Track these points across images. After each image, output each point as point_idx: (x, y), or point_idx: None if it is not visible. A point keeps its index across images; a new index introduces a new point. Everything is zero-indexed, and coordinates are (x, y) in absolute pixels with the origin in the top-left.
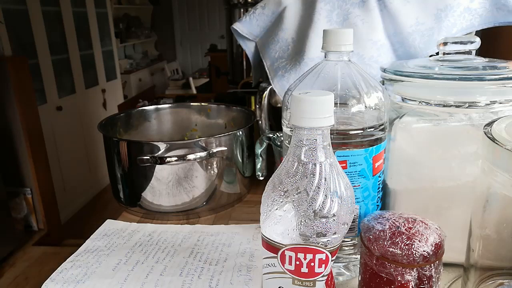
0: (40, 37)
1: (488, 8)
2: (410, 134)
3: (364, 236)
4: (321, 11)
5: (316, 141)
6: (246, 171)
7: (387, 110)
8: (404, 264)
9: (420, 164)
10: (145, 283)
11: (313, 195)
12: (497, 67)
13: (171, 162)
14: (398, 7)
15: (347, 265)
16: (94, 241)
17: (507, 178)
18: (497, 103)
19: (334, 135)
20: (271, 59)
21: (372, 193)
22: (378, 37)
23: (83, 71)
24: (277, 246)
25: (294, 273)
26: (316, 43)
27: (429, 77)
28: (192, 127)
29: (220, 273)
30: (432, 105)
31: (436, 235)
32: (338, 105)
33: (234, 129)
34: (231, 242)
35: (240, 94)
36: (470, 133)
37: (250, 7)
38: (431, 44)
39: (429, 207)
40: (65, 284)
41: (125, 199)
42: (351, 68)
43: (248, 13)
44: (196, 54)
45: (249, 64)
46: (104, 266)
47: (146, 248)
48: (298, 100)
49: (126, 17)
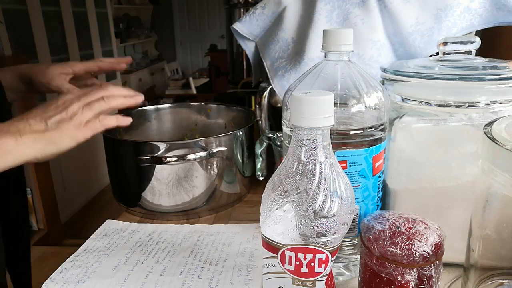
0: (40, 37)
1: (488, 8)
2: (410, 134)
3: (364, 236)
4: (321, 11)
5: (316, 141)
6: (246, 171)
7: (387, 110)
8: (404, 264)
9: (420, 164)
10: (145, 283)
11: (313, 195)
12: (497, 67)
13: (171, 162)
14: (398, 7)
15: (347, 265)
16: (94, 241)
17: (507, 178)
18: (497, 103)
19: (334, 135)
20: (271, 59)
21: (372, 193)
22: (378, 37)
23: None
24: (277, 246)
25: (294, 273)
26: (316, 43)
27: (429, 77)
28: (192, 127)
29: (220, 273)
30: (432, 105)
31: (436, 235)
32: (338, 105)
33: (234, 129)
34: (231, 242)
35: (240, 94)
36: (470, 133)
37: (250, 7)
38: (431, 44)
39: (429, 207)
40: (65, 284)
41: (125, 199)
42: (351, 68)
43: (248, 13)
44: (196, 54)
45: (249, 64)
46: (104, 266)
47: (146, 248)
48: (298, 100)
49: (126, 17)
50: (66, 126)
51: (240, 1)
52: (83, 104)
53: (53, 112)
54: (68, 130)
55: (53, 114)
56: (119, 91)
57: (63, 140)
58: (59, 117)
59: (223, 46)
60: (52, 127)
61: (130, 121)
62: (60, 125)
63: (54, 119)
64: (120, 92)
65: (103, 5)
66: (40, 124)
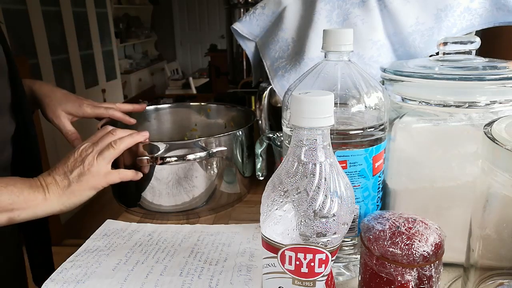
0: (40, 37)
1: (488, 8)
2: (410, 134)
3: (364, 236)
4: (321, 11)
5: (316, 141)
6: (246, 171)
7: (387, 110)
8: (404, 264)
9: (420, 164)
10: (145, 283)
11: (313, 195)
12: (497, 67)
13: (171, 162)
14: (398, 7)
15: (347, 265)
16: (94, 241)
17: (507, 178)
18: (497, 103)
19: (334, 135)
20: (271, 59)
21: (372, 193)
22: (378, 37)
23: (83, 71)
24: (277, 246)
25: (294, 273)
26: (316, 43)
27: (429, 77)
28: (192, 127)
29: (220, 273)
30: (432, 105)
31: (436, 235)
32: (338, 105)
33: (234, 129)
34: (231, 242)
35: (240, 94)
36: (470, 133)
37: (250, 7)
38: (431, 44)
39: (429, 207)
40: (65, 284)
41: (125, 199)
42: (351, 68)
43: (248, 13)
44: (196, 54)
45: (249, 64)
46: (104, 266)
47: (146, 248)
48: (298, 100)
49: (126, 17)
50: (86, 178)
51: (240, 1)
52: (96, 154)
53: (73, 166)
54: (88, 182)
55: (73, 167)
56: (125, 132)
57: (84, 192)
58: (78, 171)
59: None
60: (74, 181)
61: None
62: (80, 178)
63: (74, 173)
64: (127, 133)
65: (103, 5)
66: (64, 180)
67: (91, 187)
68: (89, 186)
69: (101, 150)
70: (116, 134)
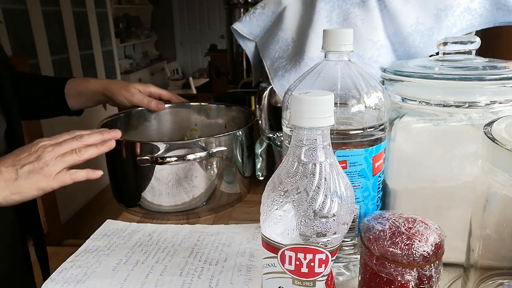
0: (40, 37)
1: (488, 8)
2: (410, 134)
3: (364, 236)
4: (321, 11)
5: (316, 141)
6: (246, 171)
7: (387, 110)
8: (404, 264)
9: (420, 164)
10: (145, 283)
11: (313, 195)
12: (497, 67)
13: (171, 162)
14: (398, 7)
15: (347, 265)
16: (94, 241)
17: (507, 178)
18: (497, 103)
19: (334, 135)
20: (271, 59)
21: (372, 193)
22: (378, 37)
23: (83, 71)
24: (277, 246)
25: (294, 273)
26: (316, 43)
27: (429, 77)
28: (192, 127)
29: (220, 273)
30: (432, 105)
31: (436, 235)
32: (338, 105)
33: (234, 129)
34: (231, 242)
35: (240, 94)
36: (470, 133)
37: (250, 7)
38: (431, 44)
39: (429, 207)
40: (65, 284)
41: (125, 199)
42: (351, 68)
43: (248, 13)
44: (196, 54)
45: (249, 64)
46: (104, 266)
47: (146, 248)
48: (298, 100)
49: (126, 17)
50: (36, 177)
51: (240, 1)
52: (56, 155)
53: (25, 160)
54: (37, 181)
55: (25, 162)
56: (93, 139)
57: (30, 190)
58: (30, 167)
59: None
60: (22, 177)
61: (100, 174)
62: (30, 175)
63: (25, 168)
64: (94, 139)
65: (103, 5)
66: (11, 173)
67: (38, 187)
68: (36, 185)
69: (63, 153)
70: (83, 140)
